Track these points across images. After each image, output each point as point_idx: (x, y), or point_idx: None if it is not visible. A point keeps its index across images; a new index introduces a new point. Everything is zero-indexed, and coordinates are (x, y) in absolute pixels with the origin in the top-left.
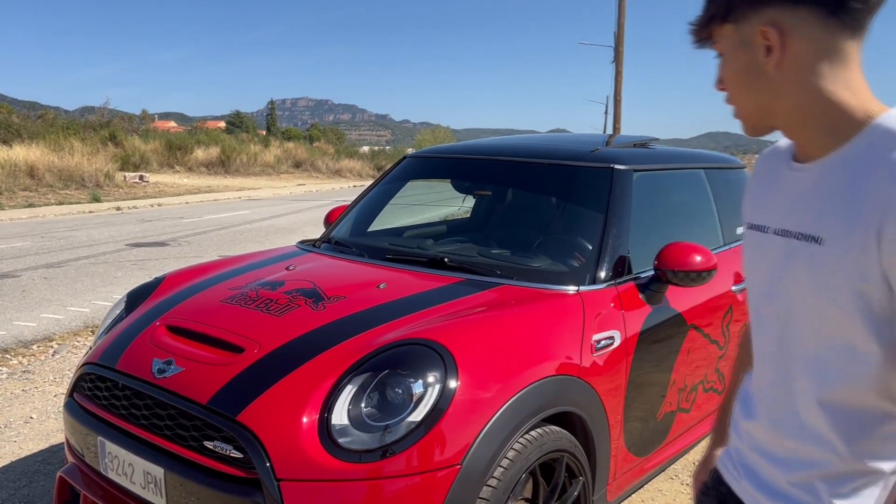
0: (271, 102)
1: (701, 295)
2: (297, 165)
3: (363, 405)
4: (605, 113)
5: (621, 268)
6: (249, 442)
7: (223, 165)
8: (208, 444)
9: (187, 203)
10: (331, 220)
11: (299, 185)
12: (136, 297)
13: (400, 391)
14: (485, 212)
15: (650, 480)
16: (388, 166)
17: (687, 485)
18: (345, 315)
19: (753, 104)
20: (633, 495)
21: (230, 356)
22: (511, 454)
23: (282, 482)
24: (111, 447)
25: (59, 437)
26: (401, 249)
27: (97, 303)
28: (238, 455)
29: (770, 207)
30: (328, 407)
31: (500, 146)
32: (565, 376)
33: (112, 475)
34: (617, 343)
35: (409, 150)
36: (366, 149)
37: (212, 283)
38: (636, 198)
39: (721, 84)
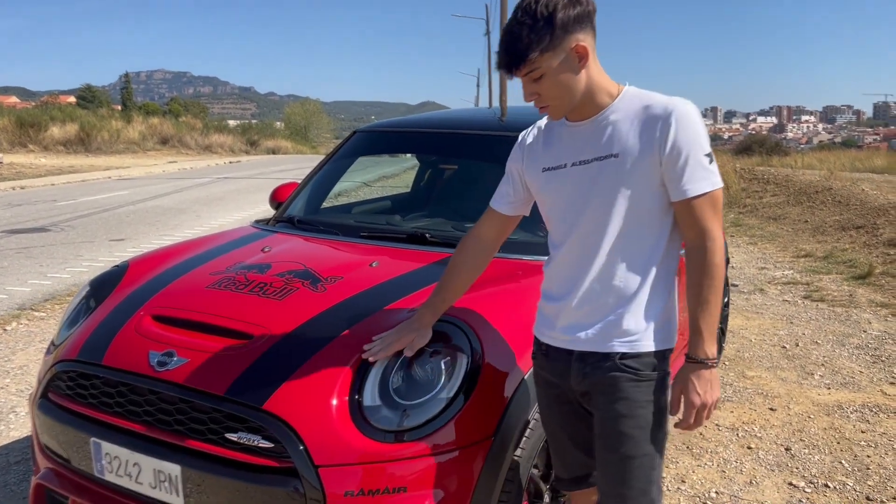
0: (126, 75)
1: None
2: (164, 142)
3: (392, 384)
4: (478, 86)
5: None
6: (281, 430)
7: (83, 144)
8: (231, 437)
9: (53, 184)
10: (279, 198)
11: (170, 162)
12: (100, 287)
13: (429, 368)
14: (435, 185)
15: None
16: (260, 140)
17: None
18: (349, 295)
19: (566, 98)
20: None
21: (239, 343)
22: (532, 424)
23: (320, 468)
24: (109, 447)
25: None
26: (376, 227)
27: None
28: (267, 445)
29: (561, 153)
30: (357, 388)
31: (449, 119)
32: None
33: (111, 477)
34: None
35: (278, 124)
36: (233, 122)
37: (187, 268)
38: None
39: (536, 96)
